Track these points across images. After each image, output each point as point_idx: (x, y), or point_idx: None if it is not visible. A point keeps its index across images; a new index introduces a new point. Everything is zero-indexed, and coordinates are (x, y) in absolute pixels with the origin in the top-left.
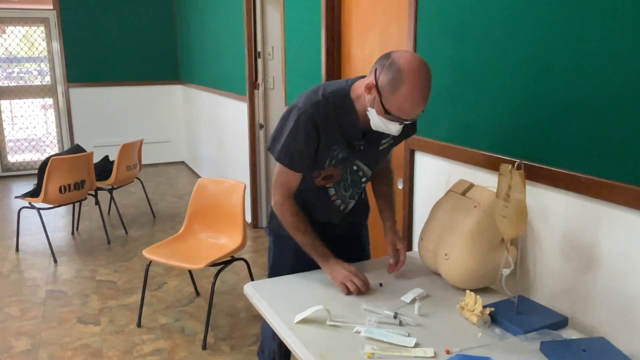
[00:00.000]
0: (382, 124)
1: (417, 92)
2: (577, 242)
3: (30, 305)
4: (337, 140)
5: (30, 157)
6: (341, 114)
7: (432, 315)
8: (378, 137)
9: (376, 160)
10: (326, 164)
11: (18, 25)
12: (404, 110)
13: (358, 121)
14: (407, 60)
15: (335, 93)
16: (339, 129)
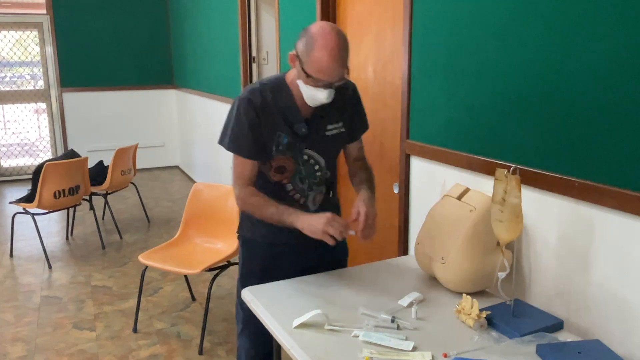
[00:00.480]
0: (311, 93)
1: (328, 50)
2: (571, 246)
3: (25, 311)
4: (279, 125)
5: (24, 162)
6: (279, 98)
7: (429, 318)
8: (322, 122)
9: (327, 148)
10: (273, 151)
11: (11, 30)
12: (321, 70)
13: (295, 103)
14: (318, 25)
15: (271, 81)
16: (279, 114)
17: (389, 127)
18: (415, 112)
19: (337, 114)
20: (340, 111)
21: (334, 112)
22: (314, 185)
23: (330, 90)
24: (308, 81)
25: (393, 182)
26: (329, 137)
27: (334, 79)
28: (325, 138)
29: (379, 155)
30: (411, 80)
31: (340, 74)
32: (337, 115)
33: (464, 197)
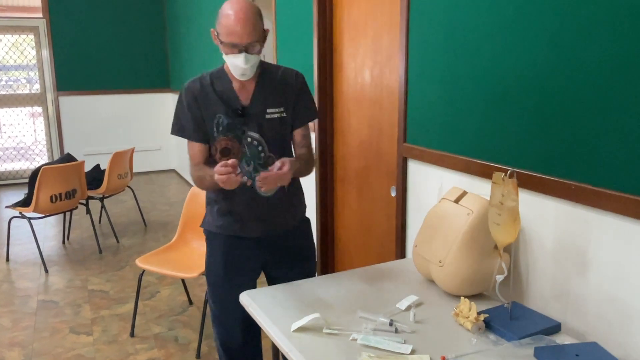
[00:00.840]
0: (231, 62)
1: (234, 12)
2: (568, 249)
3: (22, 316)
4: (218, 108)
5: (20, 166)
6: (218, 83)
7: (428, 322)
8: (261, 105)
9: (268, 130)
10: (215, 133)
11: (7, 33)
12: (229, 32)
13: (233, 88)
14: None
15: (214, 70)
16: (218, 98)
17: (386, 131)
18: (413, 116)
19: (278, 98)
20: (282, 96)
21: (274, 97)
22: (259, 167)
23: (246, 55)
24: (226, 50)
25: (390, 185)
26: (269, 120)
27: (243, 40)
28: (265, 120)
29: (376, 158)
30: (408, 84)
31: (249, 36)
32: (278, 99)
33: (461, 200)
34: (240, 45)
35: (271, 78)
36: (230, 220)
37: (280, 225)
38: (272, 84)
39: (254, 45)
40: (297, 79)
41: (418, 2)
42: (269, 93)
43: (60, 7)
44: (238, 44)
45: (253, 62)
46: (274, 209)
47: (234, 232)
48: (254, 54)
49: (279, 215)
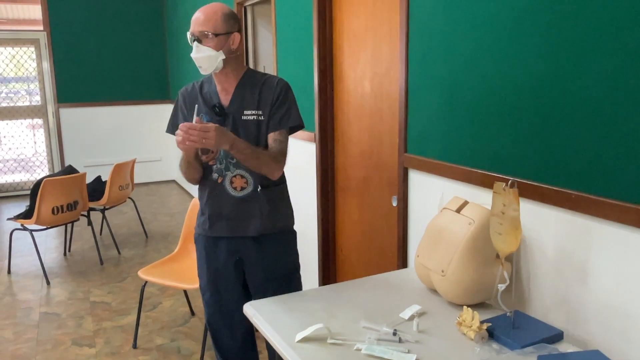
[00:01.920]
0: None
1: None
2: (570, 257)
3: (24, 328)
4: (201, 107)
5: (20, 177)
6: (206, 86)
7: (431, 331)
8: (239, 106)
9: (244, 130)
10: None
11: (8, 46)
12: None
13: (216, 91)
14: None
15: (206, 77)
16: (202, 98)
17: (387, 141)
18: (413, 126)
19: (257, 102)
20: (260, 100)
21: (252, 100)
22: (230, 165)
23: (197, 45)
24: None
25: (391, 195)
26: (245, 121)
27: (195, 28)
28: (241, 121)
29: (376, 168)
30: (408, 94)
31: (200, 24)
32: (256, 103)
33: (462, 210)
34: (193, 33)
35: (253, 83)
36: (204, 220)
37: (248, 228)
38: (252, 88)
39: (205, 35)
40: (277, 85)
41: (417, 13)
42: (247, 95)
43: (61, 20)
44: (191, 32)
45: (204, 54)
46: (243, 210)
47: (205, 231)
48: (206, 47)
49: (247, 218)
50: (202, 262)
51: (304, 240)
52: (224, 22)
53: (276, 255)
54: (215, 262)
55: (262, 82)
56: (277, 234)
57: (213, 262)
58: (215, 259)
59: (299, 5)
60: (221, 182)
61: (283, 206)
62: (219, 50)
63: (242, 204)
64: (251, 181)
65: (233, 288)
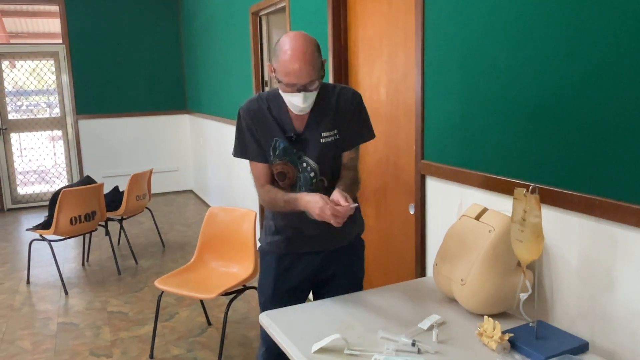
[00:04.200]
0: (288, 100)
1: (293, 52)
2: (594, 265)
3: (42, 338)
4: (275, 131)
5: (40, 189)
6: (274, 107)
7: (451, 341)
8: (316, 129)
9: (322, 155)
10: (272, 157)
11: (28, 59)
12: (288, 72)
13: (288, 112)
14: (286, 34)
15: (270, 92)
16: (274, 121)
17: (403, 148)
18: (430, 132)
19: (332, 121)
20: (336, 119)
21: (328, 120)
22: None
23: (305, 94)
24: (283, 88)
25: (408, 203)
26: (323, 144)
27: (301, 81)
28: (319, 145)
29: (393, 176)
30: (425, 101)
31: (308, 75)
32: (332, 122)
33: (482, 217)
34: (299, 84)
35: (326, 101)
36: (278, 239)
37: (328, 244)
38: (326, 107)
39: (312, 82)
40: (352, 100)
41: (433, 19)
42: (323, 117)
43: (80, 33)
44: (296, 83)
45: (311, 100)
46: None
47: (281, 250)
48: (312, 91)
49: (326, 234)
50: (269, 280)
51: None
52: (320, 57)
53: (357, 262)
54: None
55: (337, 96)
56: (355, 241)
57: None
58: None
59: (314, 14)
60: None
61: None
62: (319, 86)
63: (322, 224)
64: None
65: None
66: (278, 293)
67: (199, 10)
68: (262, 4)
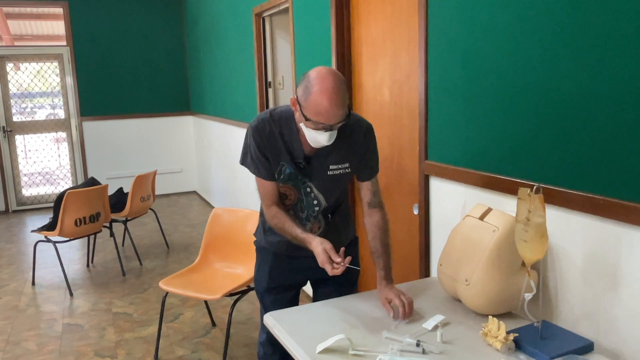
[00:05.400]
0: (312, 136)
1: (326, 94)
2: (598, 265)
3: (48, 340)
4: (283, 155)
5: (45, 190)
6: (286, 132)
7: (455, 342)
8: (325, 160)
9: (328, 186)
10: (276, 177)
11: (32, 62)
12: (319, 113)
13: (299, 139)
14: (316, 70)
15: (282, 114)
16: (284, 146)
17: (407, 148)
18: (434, 133)
19: (344, 154)
20: (348, 151)
21: (339, 153)
22: (311, 217)
23: (331, 133)
24: (308, 124)
25: (412, 203)
26: (331, 177)
27: (332, 122)
28: (327, 177)
29: (397, 176)
30: (428, 101)
31: (338, 117)
32: (344, 155)
33: (486, 217)
34: (328, 125)
35: (340, 132)
36: (279, 241)
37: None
38: (339, 138)
39: (340, 123)
40: (365, 136)
41: (437, 19)
42: (334, 148)
43: (83, 36)
44: (325, 124)
45: (335, 136)
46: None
47: (281, 251)
48: (337, 129)
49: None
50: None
51: None
52: (347, 96)
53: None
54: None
55: (350, 131)
56: (351, 242)
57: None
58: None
59: (317, 15)
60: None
61: (350, 220)
62: None
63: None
64: (322, 220)
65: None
66: (273, 287)
67: (202, 12)
68: (266, 5)
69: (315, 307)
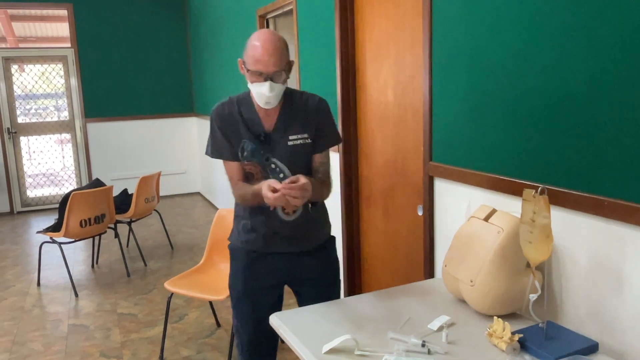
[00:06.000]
0: (256, 90)
1: (260, 42)
2: (603, 266)
3: (53, 340)
4: (244, 133)
5: (49, 192)
6: (244, 109)
7: (460, 342)
8: (284, 132)
9: (292, 157)
10: (240, 157)
11: (37, 63)
12: (256, 60)
13: (258, 114)
14: (256, 31)
15: (240, 95)
16: (244, 123)
17: (411, 149)
18: (438, 134)
19: (301, 124)
20: (305, 122)
21: (297, 123)
22: None
23: (271, 84)
24: (250, 77)
25: (417, 204)
26: (292, 147)
27: (268, 69)
28: (288, 148)
29: (401, 177)
30: (433, 102)
31: (274, 65)
32: (301, 125)
33: (490, 218)
34: (266, 73)
35: (294, 104)
36: (255, 237)
37: (303, 245)
38: (295, 110)
39: (279, 74)
40: (319, 105)
41: (441, 20)
42: (291, 119)
43: (88, 38)
44: (263, 72)
45: (277, 90)
46: (297, 229)
47: (257, 248)
48: (278, 83)
49: (302, 236)
50: (240, 275)
51: None
52: (287, 56)
53: (328, 262)
54: (257, 277)
55: (304, 102)
56: (327, 241)
57: (255, 277)
58: (258, 273)
59: (321, 16)
60: (273, 209)
61: (326, 216)
62: (286, 82)
63: (295, 225)
64: (301, 207)
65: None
66: (249, 291)
67: (206, 14)
68: (269, 7)
69: (320, 308)
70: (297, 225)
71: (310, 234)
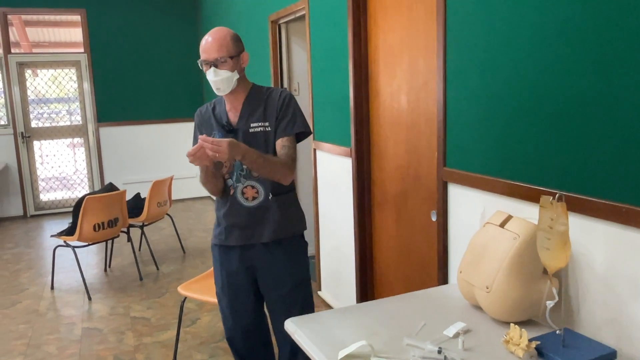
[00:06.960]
0: (208, 79)
1: (206, 36)
2: (620, 273)
3: (68, 343)
4: (213, 125)
5: (62, 195)
6: (217, 107)
7: (477, 349)
8: (247, 120)
9: (253, 143)
10: None
11: (51, 68)
12: (202, 49)
13: (225, 109)
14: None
15: (219, 98)
16: (214, 117)
17: (425, 155)
18: (452, 139)
19: (263, 113)
20: (266, 112)
21: (258, 112)
22: (241, 177)
23: (215, 70)
24: (203, 69)
25: (430, 210)
26: (253, 134)
27: (210, 56)
28: (249, 134)
29: (415, 182)
30: (447, 107)
31: (216, 51)
32: (263, 114)
33: (506, 225)
34: (209, 60)
35: (258, 97)
36: (219, 231)
37: (261, 236)
38: (258, 102)
39: (222, 60)
40: (281, 96)
41: (455, 25)
42: (253, 109)
43: (101, 43)
44: (207, 59)
45: (223, 76)
46: (255, 218)
47: (221, 241)
48: (223, 70)
49: (260, 226)
50: (217, 272)
51: (340, 256)
52: (235, 44)
53: (287, 262)
54: (228, 270)
55: (267, 95)
56: (289, 239)
57: (227, 273)
58: (229, 266)
59: (334, 22)
60: (233, 193)
61: (293, 212)
62: (234, 71)
63: (254, 213)
64: (262, 191)
65: (246, 295)
66: (226, 284)
67: (218, 19)
68: (282, 13)
69: (335, 314)
70: (254, 213)
71: (267, 224)
